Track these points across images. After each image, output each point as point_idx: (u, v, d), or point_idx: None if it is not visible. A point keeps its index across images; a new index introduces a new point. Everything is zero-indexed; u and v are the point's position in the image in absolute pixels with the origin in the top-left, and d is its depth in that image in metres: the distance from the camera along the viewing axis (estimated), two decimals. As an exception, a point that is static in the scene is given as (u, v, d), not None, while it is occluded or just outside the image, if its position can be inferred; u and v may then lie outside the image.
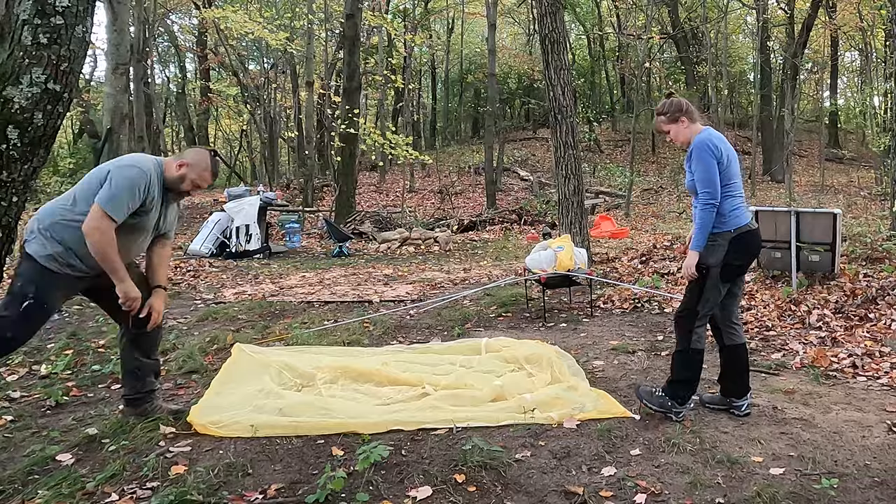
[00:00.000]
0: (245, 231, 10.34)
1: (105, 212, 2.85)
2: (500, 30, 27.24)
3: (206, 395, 3.54)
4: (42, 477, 2.69)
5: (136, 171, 2.95)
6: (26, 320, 2.84)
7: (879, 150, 15.90)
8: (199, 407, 3.31)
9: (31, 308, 2.83)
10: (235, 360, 3.97)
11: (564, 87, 7.34)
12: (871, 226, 8.10)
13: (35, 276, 2.85)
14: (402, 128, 22.20)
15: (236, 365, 3.91)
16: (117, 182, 2.89)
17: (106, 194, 2.87)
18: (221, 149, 30.52)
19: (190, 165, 3.09)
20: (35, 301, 2.83)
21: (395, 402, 3.49)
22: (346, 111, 13.60)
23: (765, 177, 21.26)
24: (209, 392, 3.59)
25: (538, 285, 5.85)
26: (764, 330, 4.96)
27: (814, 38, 22.23)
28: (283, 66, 20.02)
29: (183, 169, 3.09)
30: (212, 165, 3.16)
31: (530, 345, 4.39)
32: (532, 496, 2.54)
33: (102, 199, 2.86)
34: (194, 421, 3.15)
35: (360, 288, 7.36)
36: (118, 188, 2.88)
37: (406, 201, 17.16)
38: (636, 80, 22.22)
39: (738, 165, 3.32)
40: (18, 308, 2.81)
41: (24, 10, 3.00)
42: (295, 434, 3.07)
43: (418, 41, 20.30)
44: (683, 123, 3.34)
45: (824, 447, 2.91)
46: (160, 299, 3.21)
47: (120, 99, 7.44)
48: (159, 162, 3.13)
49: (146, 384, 3.30)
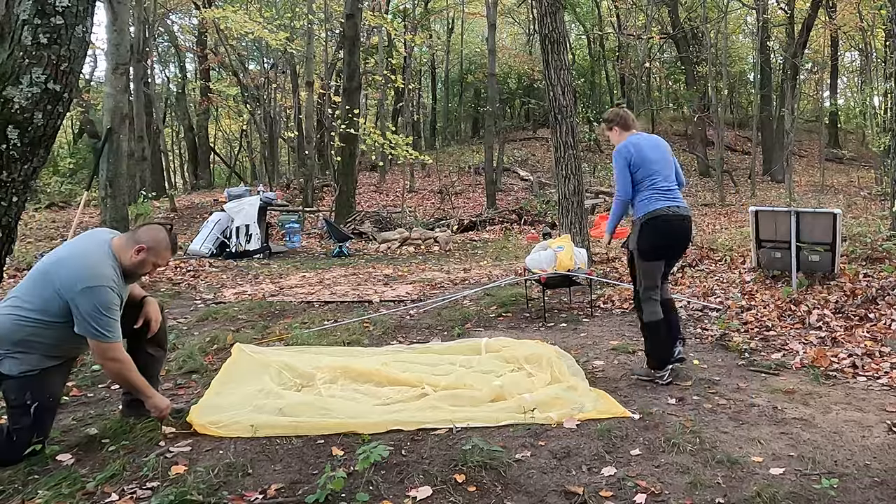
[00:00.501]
0: (245, 231, 10.35)
1: (108, 343, 2.83)
2: (500, 30, 27.25)
3: (206, 395, 3.55)
4: (42, 477, 2.69)
5: (107, 292, 2.81)
6: (41, 420, 2.85)
7: (879, 150, 15.90)
8: (199, 407, 3.31)
9: (38, 409, 2.83)
10: (235, 360, 3.98)
11: (564, 87, 7.34)
12: (871, 226, 8.10)
13: (24, 386, 2.82)
14: (402, 128, 22.20)
15: (236, 365, 3.92)
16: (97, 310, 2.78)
17: (95, 328, 2.79)
18: (221, 149, 30.55)
19: (148, 249, 2.97)
20: (39, 402, 2.83)
21: (394, 402, 3.49)
22: (346, 111, 13.60)
23: (765, 177, 21.26)
24: (209, 392, 3.60)
25: (538, 285, 5.85)
26: (764, 330, 4.96)
27: (814, 38, 22.23)
28: (283, 66, 20.02)
29: (142, 254, 2.96)
30: (170, 242, 3.04)
31: (530, 345, 4.39)
32: (532, 496, 2.54)
33: (96, 334, 2.79)
34: (194, 421, 3.14)
35: (360, 288, 7.37)
36: (103, 315, 2.80)
37: (406, 201, 17.16)
38: (636, 80, 22.25)
39: (661, 164, 3.86)
40: (28, 415, 2.80)
41: (24, 10, 3.00)
42: (295, 434, 3.07)
43: (418, 41, 20.31)
44: (615, 132, 3.99)
45: (824, 447, 2.91)
46: (153, 306, 3.26)
47: (120, 99, 7.44)
48: (112, 254, 2.94)
49: (152, 382, 3.32)
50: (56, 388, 2.96)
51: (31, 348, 2.83)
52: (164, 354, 3.47)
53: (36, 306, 2.81)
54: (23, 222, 2.95)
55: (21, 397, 2.80)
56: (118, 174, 7.24)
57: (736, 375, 3.97)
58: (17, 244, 3.21)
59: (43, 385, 2.86)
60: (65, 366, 2.96)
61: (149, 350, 3.28)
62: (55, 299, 2.79)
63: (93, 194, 10.67)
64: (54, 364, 2.90)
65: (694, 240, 8.04)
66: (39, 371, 2.85)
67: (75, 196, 18.01)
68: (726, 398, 3.55)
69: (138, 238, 2.98)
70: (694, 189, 20.15)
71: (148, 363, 3.28)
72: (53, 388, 2.93)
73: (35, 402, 2.81)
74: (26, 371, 2.82)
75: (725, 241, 8.36)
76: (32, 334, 2.82)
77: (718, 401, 3.51)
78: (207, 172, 26.12)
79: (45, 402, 2.86)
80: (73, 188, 19.13)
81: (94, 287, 2.79)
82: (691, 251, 7.42)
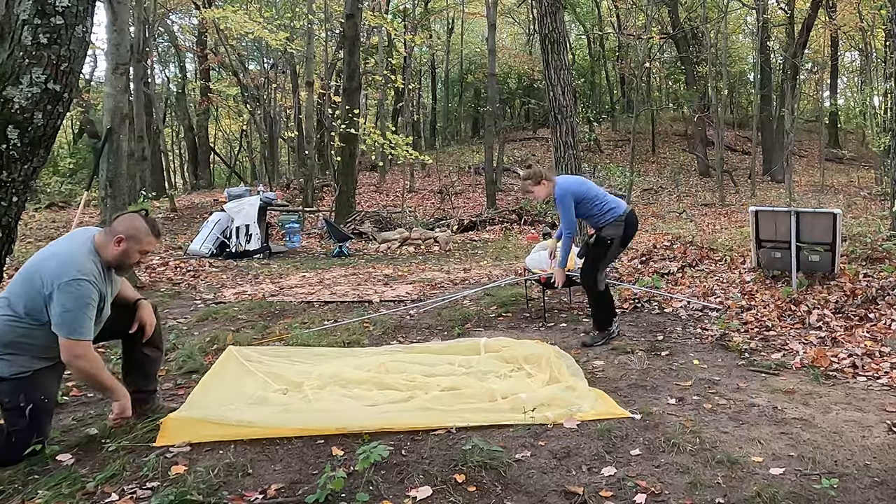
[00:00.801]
0: (245, 231, 10.35)
1: (76, 340, 2.78)
2: (500, 30, 27.25)
3: (188, 402, 3.43)
4: (42, 477, 2.69)
5: (85, 286, 2.79)
6: (37, 421, 2.85)
7: (879, 150, 15.90)
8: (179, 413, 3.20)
9: (34, 411, 2.83)
10: (223, 365, 3.91)
11: (564, 87, 7.35)
12: (871, 226, 8.09)
13: (17, 388, 2.82)
14: (402, 128, 22.20)
15: (223, 367, 3.87)
16: (71, 306, 2.75)
17: (66, 324, 2.76)
18: (221, 149, 30.55)
19: (127, 238, 2.93)
20: (33, 403, 2.83)
21: (383, 404, 3.43)
22: (346, 111, 13.60)
23: (765, 177, 21.26)
24: (190, 398, 3.48)
25: (538, 285, 5.85)
26: (764, 330, 4.96)
27: (814, 38, 22.24)
28: (283, 66, 20.02)
29: (122, 244, 2.93)
30: (149, 227, 3.00)
31: (530, 345, 4.39)
32: (532, 496, 2.54)
33: (66, 331, 2.76)
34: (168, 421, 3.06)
35: (360, 288, 7.36)
36: (76, 311, 2.77)
37: (406, 201, 17.16)
38: (636, 80, 22.22)
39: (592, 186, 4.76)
40: (24, 418, 2.80)
41: (24, 10, 3.01)
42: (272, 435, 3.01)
43: (418, 41, 20.29)
44: (542, 185, 4.69)
45: (824, 447, 2.91)
46: (147, 310, 3.26)
47: (120, 99, 7.42)
48: (93, 249, 2.93)
49: (150, 381, 3.34)
50: (50, 389, 2.95)
51: (21, 350, 2.83)
52: (160, 355, 3.46)
53: (24, 307, 2.81)
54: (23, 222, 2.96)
55: (15, 399, 2.80)
56: (118, 174, 7.22)
57: (736, 375, 3.98)
58: (17, 244, 3.21)
59: (36, 386, 2.85)
60: (58, 367, 2.95)
61: (145, 351, 3.29)
62: (39, 298, 2.79)
63: (93, 194, 10.67)
64: (46, 365, 2.89)
65: (693, 240, 8.06)
66: (31, 372, 2.84)
67: (75, 196, 18.02)
68: (726, 398, 3.55)
69: (115, 230, 2.95)
70: (694, 189, 20.16)
71: (144, 363, 3.31)
72: (47, 389, 2.92)
73: (29, 403, 2.81)
74: (18, 373, 2.82)
75: (725, 241, 8.35)
76: (22, 336, 2.82)
77: (718, 401, 3.51)
78: (207, 172, 26.12)
79: (40, 403, 2.85)
80: (73, 188, 19.13)
81: (73, 280, 2.77)
82: (691, 251, 7.43)
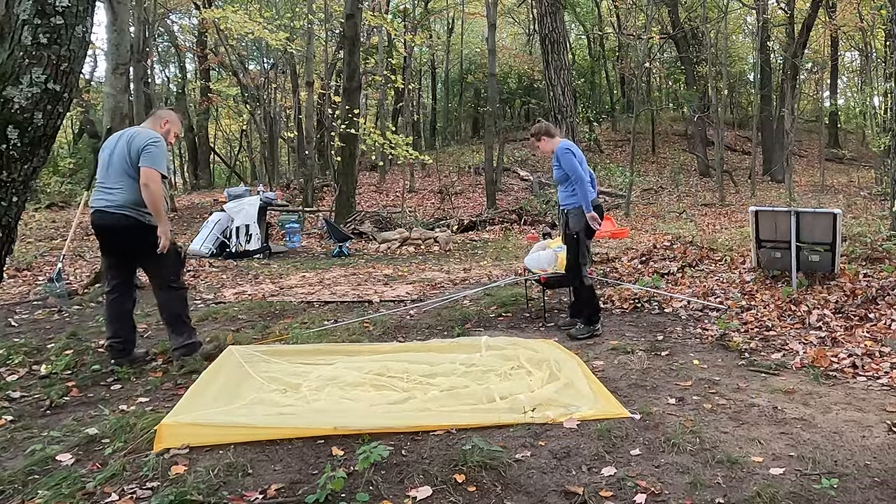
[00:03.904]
0: (245, 231, 10.35)
1: (159, 171, 3.92)
2: (500, 30, 27.26)
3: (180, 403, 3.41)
4: (42, 477, 2.69)
5: (161, 140, 4.03)
6: (182, 262, 4.36)
7: (879, 150, 15.91)
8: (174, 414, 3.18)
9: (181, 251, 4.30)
10: (220, 365, 3.91)
11: (564, 87, 7.36)
12: (871, 226, 8.10)
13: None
14: (402, 128, 22.20)
15: (219, 367, 3.87)
16: (159, 150, 3.95)
17: (154, 160, 3.91)
18: (221, 149, 30.57)
19: (170, 122, 4.27)
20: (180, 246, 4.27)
21: (381, 405, 3.42)
22: (346, 111, 13.60)
23: (765, 177, 21.26)
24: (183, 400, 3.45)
25: (538, 285, 5.85)
26: (764, 330, 4.96)
27: (814, 38, 22.26)
28: (283, 66, 20.02)
29: (167, 125, 4.25)
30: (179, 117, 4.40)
31: (533, 344, 4.39)
32: (532, 496, 2.54)
33: (155, 164, 3.91)
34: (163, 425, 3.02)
35: (360, 288, 7.36)
36: (161, 154, 3.96)
37: (406, 201, 17.15)
38: (636, 80, 22.23)
39: (585, 162, 4.92)
40: (179, 259, 4.29)
41: (24, 10, 3.00)
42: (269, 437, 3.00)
43: (418, 41, 20.29)
44: (544, 141, 4.97)
45: (824, 447, 2.91)
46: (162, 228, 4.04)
47: (120, 99, 7.42)
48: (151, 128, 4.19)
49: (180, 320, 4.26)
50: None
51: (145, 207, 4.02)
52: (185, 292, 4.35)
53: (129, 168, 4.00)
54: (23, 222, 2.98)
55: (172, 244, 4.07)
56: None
57: (736, 375, 3.97)
58: (17, 244, 3.22)
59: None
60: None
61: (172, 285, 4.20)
62: (136, 156, 3.95)
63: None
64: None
65: (693, 240, 8.06)
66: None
67: (75, 196, 17.98)
68: (726, 398, 3.55)
69: (161, 116, 4.28)
70: (694, 189, 20.16)
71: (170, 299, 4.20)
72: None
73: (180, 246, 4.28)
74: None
75: (725, 241, 8.36)
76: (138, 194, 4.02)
77: (718, 401, 3.51)
78: (207, 172, 26.13)
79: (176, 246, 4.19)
80: (73, 188, 19.09)
81: (158, 140, 4.04)
82: (691, 251, 7.43)
